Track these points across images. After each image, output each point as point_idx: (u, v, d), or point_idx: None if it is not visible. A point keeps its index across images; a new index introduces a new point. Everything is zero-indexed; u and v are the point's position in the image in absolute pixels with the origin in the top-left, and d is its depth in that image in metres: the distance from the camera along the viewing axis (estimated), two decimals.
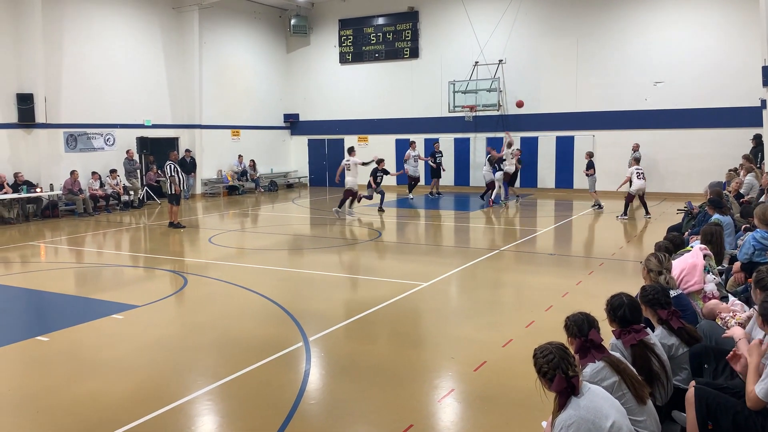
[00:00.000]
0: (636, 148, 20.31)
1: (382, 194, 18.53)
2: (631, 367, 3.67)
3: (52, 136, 19.08)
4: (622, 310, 4.04)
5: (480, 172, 24.60)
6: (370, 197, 18.40)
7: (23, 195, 17.37)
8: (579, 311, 3.87)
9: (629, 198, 15.87)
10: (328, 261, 11.35)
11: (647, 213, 15.97)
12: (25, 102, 18.17)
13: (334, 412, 5.06)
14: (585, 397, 3.16)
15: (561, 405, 3.18)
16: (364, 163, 17.90)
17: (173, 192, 15.57)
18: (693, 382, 3.87)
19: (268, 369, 5.96)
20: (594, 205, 17.78)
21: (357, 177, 17.24)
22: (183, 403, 5.22)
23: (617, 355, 3.76)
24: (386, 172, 18.67)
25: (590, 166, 17.40)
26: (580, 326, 3.71)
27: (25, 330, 7.50)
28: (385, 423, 4.85)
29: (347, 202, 17.35)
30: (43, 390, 5.61)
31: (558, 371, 3.16)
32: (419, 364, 6.13)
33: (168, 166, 15.69)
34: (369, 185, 18.37)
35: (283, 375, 5.83)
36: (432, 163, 22.52)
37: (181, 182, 16.04)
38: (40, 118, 18.48)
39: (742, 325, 4.55)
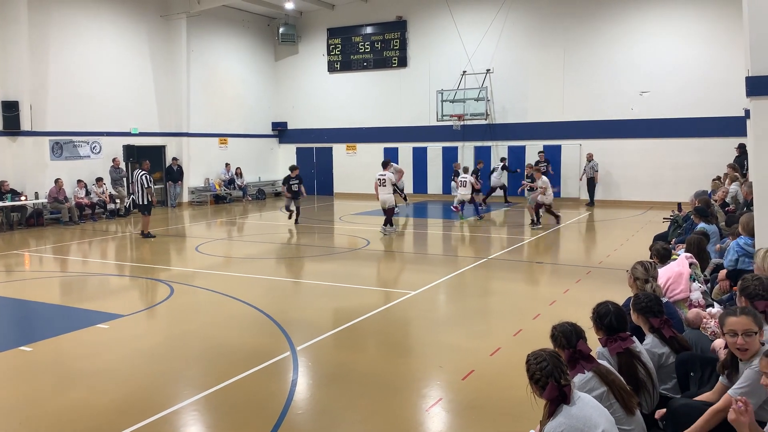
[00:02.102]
0: (590, 158, 21.32)
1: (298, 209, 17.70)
2: (620, 378, 3.66)
3: (38, 143, 18.92)
4: (608, 318, 4.05)
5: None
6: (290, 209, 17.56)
7: (8, 203, 17.20)
8: (566, 321, 3.87)
9: (539, 207, 15.96)
10: (315, 269, 11.31)
11: (557, 220, 16.71)
12: (11, 109, 18.02)
13: (321, 422, 5.03)
14: (575, 405, 3.16)
15: (551, 412, 3.18)
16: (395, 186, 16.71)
17: (147, 202, 15.30)
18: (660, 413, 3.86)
19: (255, 379, 5.91)
20: (532, 222, 16.04)
21: (392, 192, 15.74)
22: (169, 413, 5.17)
23: (605, 363, 3.76)
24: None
25: (532, 180, 16.29)
26: (568, 337, 3.70)
27: (8, 340, 7.40)
28: None
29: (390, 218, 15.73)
30: (27, 401, 5.53)
31: (551, 379, 3.16)
32: (407, 373, 6.11)
33: (140, 176, 15.32)
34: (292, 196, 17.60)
35: (270, 385, 5.79)
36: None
37: (153, 192, 15.64)
38: (25, 125, 18.33)
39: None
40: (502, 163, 22.58)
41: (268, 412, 5.15)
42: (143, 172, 15.42)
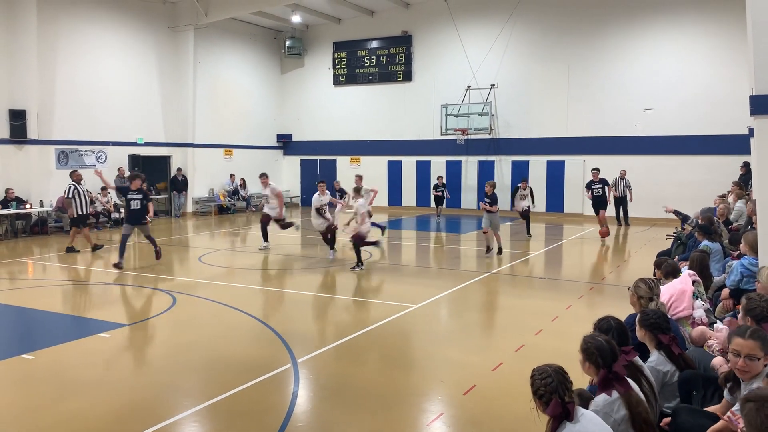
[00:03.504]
0: (623, 175, 20.11)
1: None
2: (648, 411, 3.53)
3: (44, 152, 19.03)
4: (611, 333, 4.02)
5: (471, 195, 24.80)
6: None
7: (12, 211, 17.26)
8: (599, 334, 3.75)
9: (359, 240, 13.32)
10: (317, 282, 11.31)
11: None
12: (18, 118, 18.14)
13: None
14: (579, 423, 3.13)
15: (553, 429, 3.16)
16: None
17: (81, 213, 14.66)
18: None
19: (256, 390, 5.90)
20: (489, 251, 13.92)
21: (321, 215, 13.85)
22: (169, 423, 5.16)
23: (636, 390, 3.62)
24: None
25: (495, 200, 13.81)
26: (604, 354, 3.54)
27: (11, 348, 7.40)
28: None
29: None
30: (27, 409, 5.53)
31: (555, 395, 3.13)
32: (408, 387, 6.09)
33: (68, 188, 14.68)
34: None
35: (271, 396, 5.78)
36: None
37: (84, 204, 14.79)
38: (32, 134, 18.45)
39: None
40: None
41: (268, 424, 5.13)
42: (74, 184, 14.66)
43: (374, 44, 26.46)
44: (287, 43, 27.51)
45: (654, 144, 21.42)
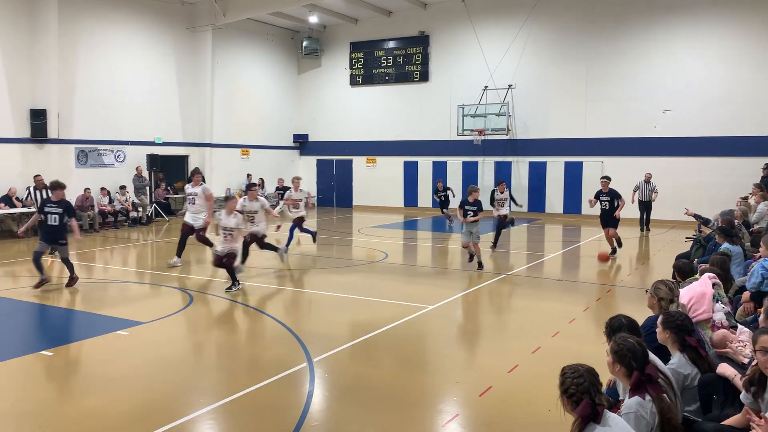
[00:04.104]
0: (648, 179, 19.15)
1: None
2: (677, 416, 3.48)
3: (64, 151, 19.26)
4: (622, 331, 3.97)
5: (488, 196, 24.66)
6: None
7: (32, 209, 17.46)
8: (629, 336, 3.67)
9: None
10: (333, 281, 11.32)
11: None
12: (38, 117, 18.37)
13: None
14: (606, 426, 3.08)
15: (580, 430, 3.11)
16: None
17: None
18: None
19: (271, 389, 5.92)
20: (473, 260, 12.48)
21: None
22: (186, 421, 5.19)
23: (667, 397, 3.55)
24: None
25: (481, 208, 12.35)
26: (637, 357, 3.48)
27: (31, 344, 7.49)
28: None
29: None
30: (46, 405, 5.59)
31: (585, 396, 3.09)
32: (423, 387, 6.08)
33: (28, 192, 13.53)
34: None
35: (287, 395, 5.79)
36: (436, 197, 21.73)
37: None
38: (52, 133, 18.67)
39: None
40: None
41: (284, 422, 5.14)
42: (35, 189, 13.71)
43: (391, 44, 26.46)
44: (304, 43, 27.60)
45: (673, 145, 21.20)
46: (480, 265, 12.28)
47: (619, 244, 14.23)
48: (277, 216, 13.19)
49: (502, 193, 15.35)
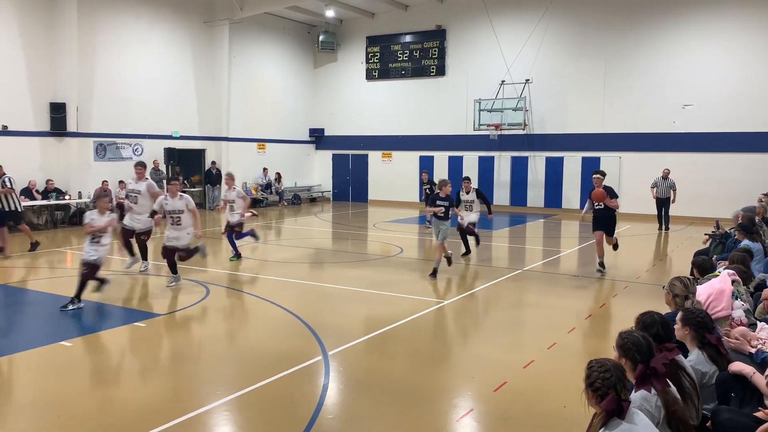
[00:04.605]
0: (666, 174, 18.64)
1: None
2: (684, 410, 3.47)
3: (83, 145, 19.46)
4: (655, 327, 3.90)
5: (504, 191, 24.61)
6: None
7: (52, 202, 17.71)
8: (635, 330, 3.67)
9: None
10: (348, 275, 11.34)
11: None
12: (58, 111, 18.58)
13: (352, 428, 5.03)
14: (630, 422, 3.06)
15: (603, 424, 3.09)
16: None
17: (11, 209, 13.15)
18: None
19: (286, 381, 5.95)
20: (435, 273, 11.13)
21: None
22: (201, 412, 5.23)
23: (673, 390, 3.55)
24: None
25: (452, 204, 11.12)
26: (642, 350, 3.47)
27: (51, 335, 7.59)
28: None
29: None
30: (64, 395, 5.66)
31: (611, 390, 3.07)
32: (438, 382, 6.08)
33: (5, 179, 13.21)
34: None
35: (302, 388, 5.82)
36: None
37: (13, 201, 13.29)
38: (71, 127, 18.88)
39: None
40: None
41: (299, 415, 5.17)
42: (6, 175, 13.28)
43: (408, 38, 26.39)
44: (321, 37, 27.61)
45: (693, 141, 20.95)
46: (446, 263, 11.38)
47: (615, 247, 11.89)
48: (197, 222, 10.57)
49: (468, 193, 12.54)
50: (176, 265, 10.13)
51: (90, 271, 8.65)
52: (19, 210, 13.61)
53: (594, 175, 11.48)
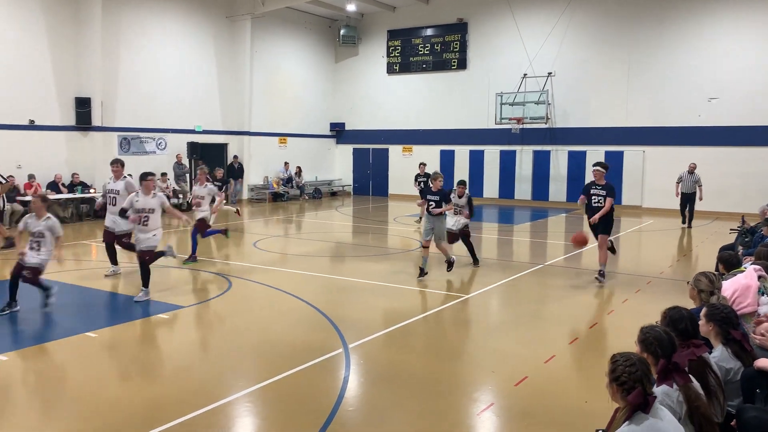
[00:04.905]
0: (692, 169, 17.94)
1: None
2: (707, 406, 3.42)
3: (107, 139, 19.72)
4: (684, 323, 3.83)
5: (526, 185, 24.45)
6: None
7: (78, 195, 17.98)
8: (656, 325, 3.63)
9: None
10: (369, 269, 11.37)
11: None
12: (83, 106, 18.85)
13: (372, 420, 5.06)
14: (655, 417, 3.03)
15: (628, 417, 3.07)
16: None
17: None
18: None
19: (307, 374, 5.99)
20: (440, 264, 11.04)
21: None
22: (223, 403, 5.29)
23: (695, 385, 3.50)
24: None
25: (446, 199, 10.43)
26: (663, 345, 3.43)
27: (77, 325, 7.73)
28: None
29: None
30: (88, 385, 5.76)
31: (638, 384, 3.05)
32: (459, 376, 6.08)
33: None
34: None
35: (323, 380, 5.86)
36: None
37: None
38: (96, 121, 19.14)
39: None
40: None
41: (320, 407, 5.21)
42: None
43: (429, 32, 26.29)
44: (342, 31, 27.62)
45: (719, 135, 20.60)
46: (450, 266, 10.65)
47: (613, 251, 10.71)
48: (181, 218, 9.97)
49: (460, 197, 11.58)
50: (149, 278, 8.92)
51: (32, 275, 8.07)
52: (2, 209, 13.80)
53: (594, 167, 10.21)
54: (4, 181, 13.33)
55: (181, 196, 21.22)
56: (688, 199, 17.69)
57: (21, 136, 17.71)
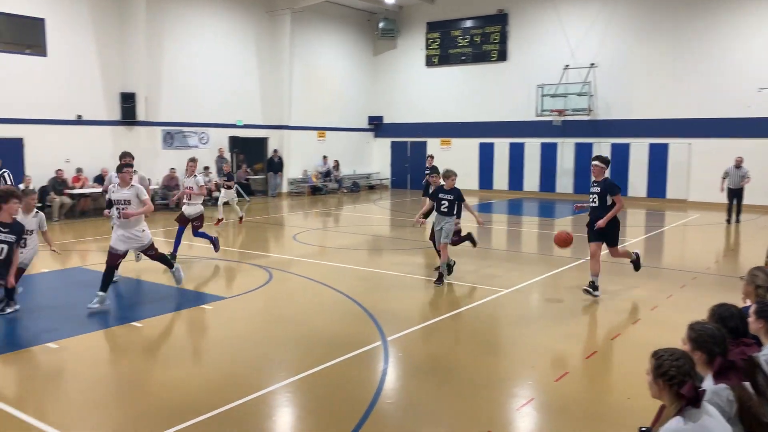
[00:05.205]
0: (739, 163, 17.01)
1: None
2: (759, 406, 3.29)
3: (151, 133, 20.16)
4: (734, 320, 3.70)
5: (567, 179, 24.06)
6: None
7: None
8: (707, 322, 3.52)
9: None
10: (407, 262, 11.37)
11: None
12: (128, 101, 19.30)
13: (410, 413, 5.07)
14: (702, 413, 2.96)
15: (678, 411, 2.99)
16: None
17: None
18: None
19: (346, 365, 6.04)
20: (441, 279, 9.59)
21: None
22: (264, 394, 5.37)
23: (747, 385, 3.37)
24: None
25: (458, 198, 10.00)
26: (718, 342, 3.32)
27: (123, 315, 7.94)
28: (462, 427, 4.79)
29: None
30: (132, 374, 5.92)
31: (688, 378, 2.98)
32: (498, 370, 6.04)
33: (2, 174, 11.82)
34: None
35: (361, 372, 5.89)
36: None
37: None
38: (140, 116, 19.58)
39: None
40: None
41: (358, 399, 5.24)
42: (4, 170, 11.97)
43: (468, 24, 26.06)
44: (380, 24, 27.59)
45: None
46: (449, 271, 9.77)
47: (637, 267, 9.35)
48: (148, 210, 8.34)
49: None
50: (110, 283, 8.17)
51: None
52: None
53: (593, 162, 8.83)
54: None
55: (222, 189, 21.52)
56: (735, 195, 16.86)
57: (69, 131, 18.24)
